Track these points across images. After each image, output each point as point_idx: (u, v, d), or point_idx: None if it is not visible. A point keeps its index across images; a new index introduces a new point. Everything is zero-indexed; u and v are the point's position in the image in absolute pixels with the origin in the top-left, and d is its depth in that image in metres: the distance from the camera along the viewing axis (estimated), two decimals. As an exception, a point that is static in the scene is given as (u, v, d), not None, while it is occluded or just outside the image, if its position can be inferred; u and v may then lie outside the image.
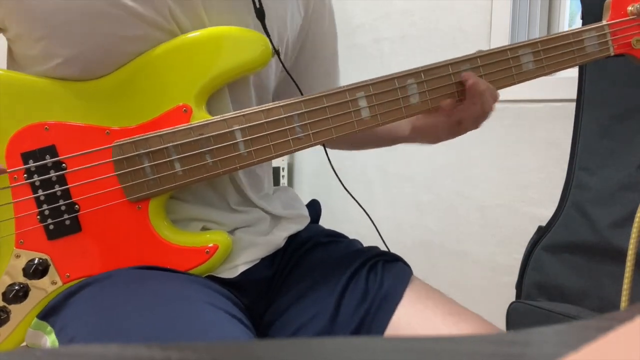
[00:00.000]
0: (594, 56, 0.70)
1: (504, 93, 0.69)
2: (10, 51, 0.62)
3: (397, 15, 1.68)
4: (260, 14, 0.62)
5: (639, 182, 0.90)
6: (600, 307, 0.93)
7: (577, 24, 1.08)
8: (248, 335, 0.53)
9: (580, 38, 0.69)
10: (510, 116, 1.39)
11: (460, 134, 0.71)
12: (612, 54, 0.71)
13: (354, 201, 0.81)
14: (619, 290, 0.64)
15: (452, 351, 0.17)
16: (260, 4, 0.63)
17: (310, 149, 0.63)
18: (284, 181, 2.04)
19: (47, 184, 0.57)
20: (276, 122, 0.60)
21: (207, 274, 0.62)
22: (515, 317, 0.99)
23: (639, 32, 0.71)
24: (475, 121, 0.68)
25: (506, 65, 0.66)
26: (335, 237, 0.77)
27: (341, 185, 0.80)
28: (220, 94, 0.62)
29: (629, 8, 0.71)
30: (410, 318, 0.62)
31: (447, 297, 0.66)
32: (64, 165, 0.58)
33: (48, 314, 0.57)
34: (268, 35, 0.63)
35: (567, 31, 0.69)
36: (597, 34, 0.70)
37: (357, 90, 0.62)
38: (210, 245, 0.61)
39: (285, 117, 0.60)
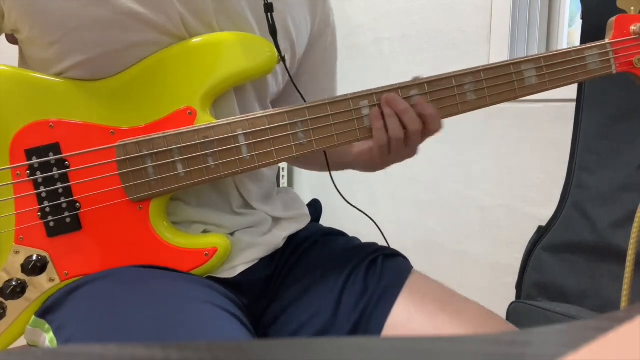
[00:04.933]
0: (596, 73, 0.71)
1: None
2: (22, 54, 0.63)
3: (397, 15, 1.68)
4: (273, 30, 0.63)
5: (639, 182, 0.90)
6: (600, 307, 0.93)
7: (577, 24, 1.08)
8: (247, 334, 0.53)
9: (583, 55, 0.70)
10: (510, 116, 1.39)
11: (391, 162, 0.67)
12: (614, 72, 0.72)
13: (355, 201, 0.81)
14: (619, 290, 0.65)
15: (452, 351, 0.17)
16: (273, 21, 0.63)
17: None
18: (284, 181, 2.04)
19: (49, 181, 0.58)
20: (279, 128, 0.60)
21: (206, 275, 0.62)
22: (515, 317, 0.99)
23: None
24: (384, 149, 0.63)
25: (509, 80, 0.67)
26: (334, 235, 0.77)
27: (341, 186, 0.80)
28: (227, 98, 0.63)
29: (632, 27, 0.72)
30: (409, 308, 0.61)
31: (446, 287, 0.65)
32: (67, 163, 0.58)
33: (46, 312, 0.57)
34: (277, 45, 0.63)
35: (570, 48, 0.70)
36: (599, 52, 0.71)
37: (361, 99, 0.63)
38: (210, 247, 0.61)
39: (288, 123, 0.60)
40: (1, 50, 0.67)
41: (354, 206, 0.80)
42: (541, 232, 1.04)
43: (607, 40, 0.72)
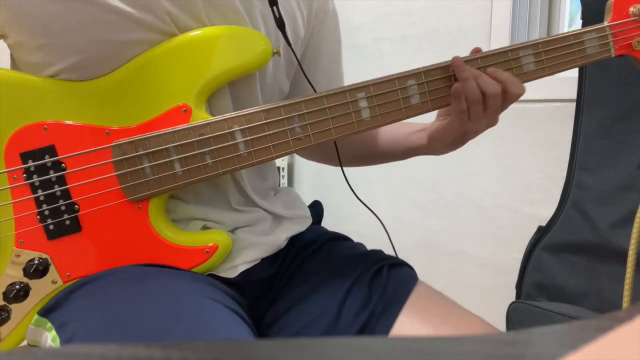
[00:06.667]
0: (595, 57, 0.70)
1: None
2: (13, 58, 0.62)
3: (397, 15, 1.68)
4: (280, 23, 0.62)
5: (639, 182, 0.90)
6: (600, 307, 0.93)
7: (577, 24, 1.08)
8: (248, 330, 0.53)
9: (581, 39, 0.69)
10: (510, 116, 1.39)
11: (472, 132, 0.68)
12: (613, 55, 0.71)
13: (355, 201, 0.81)
14: (619, 290, 0.64)
15: (451, 351, 0.17)
16: (280, 13, 0.62)
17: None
18: (284, 181, 2.04)
19: (46, 184, 0.57)
20: (276, 123, 0.60)
21: (207, 273, 0.62)
22: (515, 317, 0.99)
23: None
24: (480, 112, 0.64)
25: (507, 67, 0.66)
26: (339, 240, 0.76)
27: (341, 185, 0.80)
28: (221, 94, 0.62)
29: (631, 9, 0.70)
30: (412, 320, 0.61)
31: (449, 300, 0.65)
32: (63, 165, 0.58)
33: (48, 311, 0.57)
34: (285, 37, 0.63)
35: (568, 32, 0.69)
36: (597, 35, 0.69)
37: (358, 90, 0.62)
38: (210, 244, 0.61)
39: (285, 117, 0.60)
40: (0, 50, 0.67)
41: (359, 199, 0.80)
42: (541, 232, 1.04)
43: (605, 23, 0.70)
